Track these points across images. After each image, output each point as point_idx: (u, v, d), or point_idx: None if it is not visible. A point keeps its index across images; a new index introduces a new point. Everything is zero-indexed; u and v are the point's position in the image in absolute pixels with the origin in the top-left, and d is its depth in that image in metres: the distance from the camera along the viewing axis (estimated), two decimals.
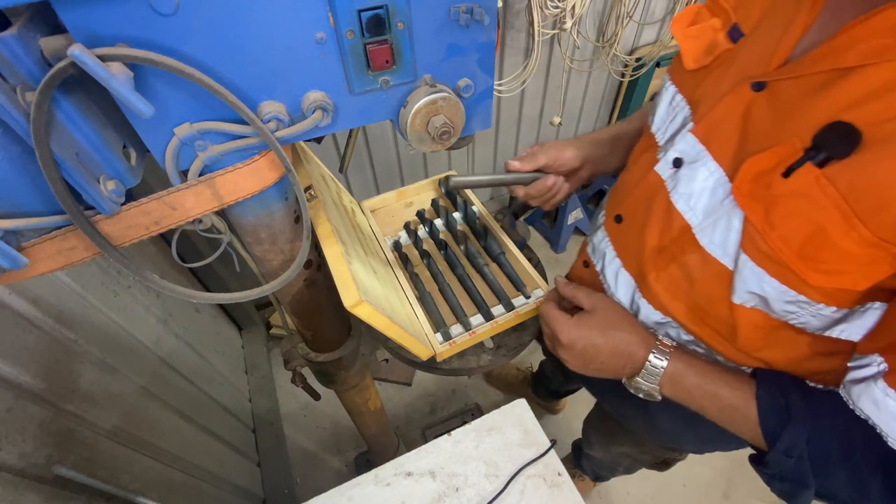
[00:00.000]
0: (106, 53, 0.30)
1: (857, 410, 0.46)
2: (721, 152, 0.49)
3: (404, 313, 0.72)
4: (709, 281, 0.53)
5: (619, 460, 1.19)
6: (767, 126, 0.45)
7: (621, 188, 0.67)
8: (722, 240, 0.49)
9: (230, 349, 1.81)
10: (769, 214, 0.43)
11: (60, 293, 0.92)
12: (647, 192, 0.58)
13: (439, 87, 0.44)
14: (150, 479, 1.00)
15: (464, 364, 0.79)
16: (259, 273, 0.63)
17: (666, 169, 0.56)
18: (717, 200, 0.49)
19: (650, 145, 0.62)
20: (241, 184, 0.44)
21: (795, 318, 0.49)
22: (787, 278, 0.45)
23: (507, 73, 1.83)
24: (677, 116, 0.58)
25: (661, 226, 0.56)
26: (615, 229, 0.66)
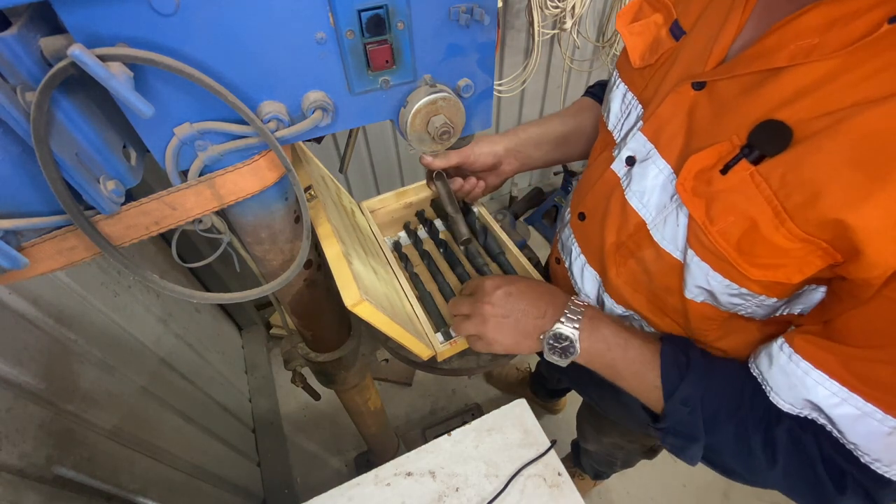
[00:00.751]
0: (106, 53, 0.30)
1: (753, 369, 0.50)
2: (668, 150, 0.51)
3: (405, 313, 0.73)
4: (664, 274, 0.55)
5: (614, 452, 1.20)
6: (708, 124, 0.47)
7: (583, 186, 0.68)
8: (672, 235, 0.51)
9: (230, 349, 1.81)
10: (709, 210, 0.45)
11: (60, 293, 0.92)
12: (604, 189, 0.60)
13: (439, 87, 0.44)
14: (150, 479, 1.00)
15: (464, 364, 0.79)
16: (259, 273, 0.63)
17: (620, 167, 0.57)
18: (667, 197, 0.51)
19: (608, 143, 0.63)
20: (241, 184, 0.44)
21: (742, 309, 0.50)
22: (729, 272, 0.46)
23: (507, 73, 1.83)
24: (631, 114, 0.59)
25: (618, 222, 0.58)
26: (579, 226, 0.67)
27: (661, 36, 0.55)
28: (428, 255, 0.89)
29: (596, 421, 1.12)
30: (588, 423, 1.19)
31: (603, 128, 0.65)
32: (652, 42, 0.56)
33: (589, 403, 1.08)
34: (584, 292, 0.68)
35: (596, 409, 1.00)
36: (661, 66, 0.55)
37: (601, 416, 1.04)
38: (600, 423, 1.09)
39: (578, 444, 1.48)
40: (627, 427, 0.94)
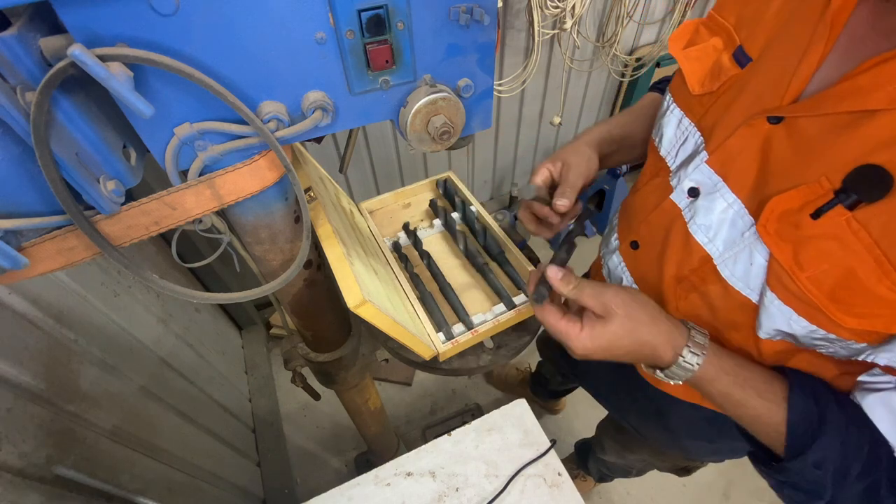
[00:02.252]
0: (106, 53, 0.30)
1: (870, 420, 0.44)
2: (739, 184, 0.49)
3: (406, 313, 0.73)
4: (731, 311, 0.52)
5: (634, 465, 1.19)
6: (789, 162, 0.44)
7: (634, 212, 0.65)
8: (744, 273, 0.49)
9: (230, 349, 1.81)
10: (798, 255, 0.42)
11: (60, 293, 0.92)
12: (663, 220, 0.57)
13: (439, 87, 0.44)
14: (150, 479, 1.00)
15: (464, 364, 0.79)
16: (259, 273, 0.63)
17: (682, 198, 0.55)
18: (738, 233, 0.49)
19: (660, 168, 0.61)
20: (241, 184, 0.44)
21: (824, 349, 0.47)
22: (818, 319, 0.44)
23: (507, 73, 1.83)
24: (688, 141, 0.56)
25: (680, 256, 0.55)
26: (631, 255, 0.65)
27: (722, 62, 0.52)
28: (427, 255, 0.89)
29: (623, 440, 1.09)
30: (613, 440, 1.15)
31: (654, 152, 0.62)
32: (712, 67, 0.53)
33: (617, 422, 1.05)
34: None
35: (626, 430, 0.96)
36: (724, 93, 0.52)
37: (631, 437, 1.01)
38: (628, 442, 1.06)
39: (583, 446, 1.47)
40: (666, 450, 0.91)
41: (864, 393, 0.45)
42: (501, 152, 2.27)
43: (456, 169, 2.21)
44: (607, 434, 1.20)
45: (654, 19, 2.03)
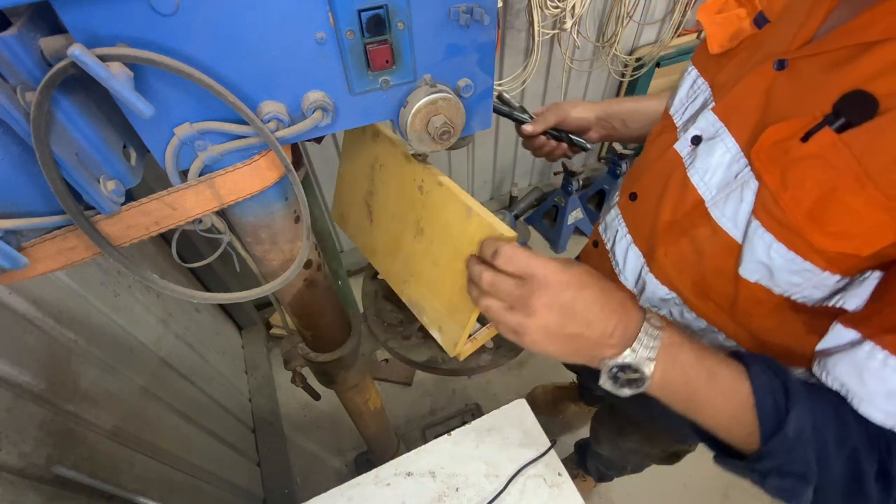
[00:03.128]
0: (106, 53, 0.30)
1: (831, 382, 0.45)
2: (739, 129, 0.51)
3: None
4: (717, 254, 0.54)
5: (628, 457, 1.19)
6: (788, 102, 0.47)
7: (637, 168, 0.69)
8: (733, 212, 0.51)
9: (230, 349, 1.81)
10: (785, 177, 0.44)
11: (60, 293, 0.92)
12: (664, 168, 0.60)
13: (439, 87, 0.44)
14: (150, 479, 1.00)
15: (464, 364, 0.79)
16: (259, 273, 0.63)
17: (685, 146, 0.58)
18: (732, 175, 0.51)
19: (667, 127, 0.64)
20: (242, 184, 0.44)
21: (798, 291, 0.49)
22: (795, 243, 0.45)
23: (507, 73, 1.83)
24: (697, 98, 0.60)
25: (675, 200, 0.58)
26: (629, 207, 0.68)
27: (743, 26, 0.56)
28: None
29: (616, 425, 1.10)
30: (605, 427, 1.17)
31: (664, 113, 0.66)
32: (734, 32, 0.57)
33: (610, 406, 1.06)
34: (625, 274, 0.68)
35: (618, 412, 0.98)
36: (741, 52, 0.55)
37: (623, 420, 1.02)
38: (621, 427, 1.07)
39: (583, 445, 1.46)
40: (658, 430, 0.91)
41: (825, 358, 0.46)
42: (501, 152, 2.27)
43: (456, 169, 2.21)
44: (601, 422, 1.20)
45: (654, 19, 2.03)
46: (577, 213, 2.25)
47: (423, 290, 0.65)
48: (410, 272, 0.66)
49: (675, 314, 0.65)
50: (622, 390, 0.48)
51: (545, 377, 1.88)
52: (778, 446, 0.44)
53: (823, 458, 0.43)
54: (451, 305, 0.60)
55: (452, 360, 0.78)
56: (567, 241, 2.33)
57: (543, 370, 1.93)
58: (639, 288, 0.66)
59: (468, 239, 0.53)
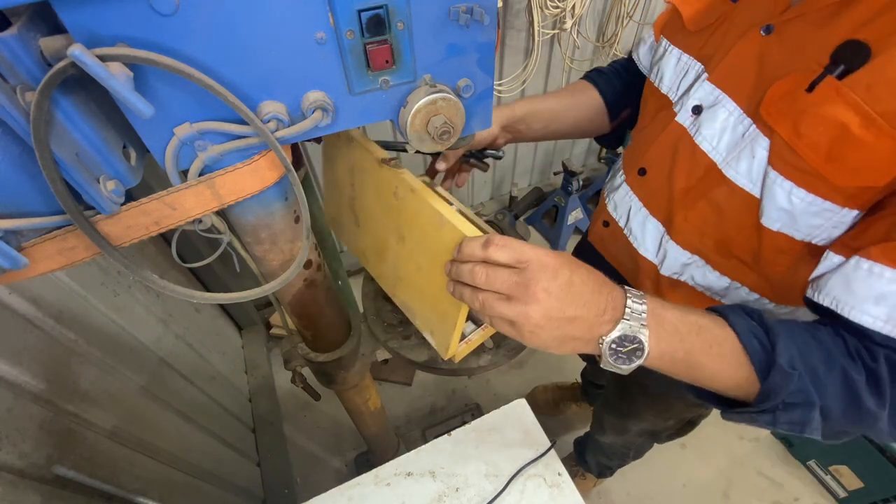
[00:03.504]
0: (106, 53, 0.30)
1: (823, 298, 0.49)
2: (738, 93, 0.55)
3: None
4: (737, 210, 0.58)
5: (634, 440, 1.19)
6: (781, 61, 0.51)
7: (640, 145, 0.71)
8: (747, 169, 0.55)
9: (230, 349, 1.81)
10: (797, 127, 0.48)
11: (60, 293, 0.92)
12: (670, 141, 0.64)
13: (439, 87, 0.44)
14: (150, 479, 1.00)
15: (464, 364, 0.79)
16: (259, 273, 0.63)
17: (686, 117, 0.61)
18: (738, 135, 0.55)
19: (663, 104, 0.67)
20: (241, 184, 0.44)
21: (819, 233, 0.52)
22: (815, 185, 0.49)
23: (507, 73, 1.83)
24: (688, 73, 0.63)
25: (687, 168, 0.62)
26: (639, 182, 0.70)
27: (713, 2, 0.60)
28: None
29: (628, 404, 1.07)
30: (615, 411, 1.14)
31: (655, 93, 0.69)
32: (705, 8, 0.61)
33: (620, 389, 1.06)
34: (645, 246, 0.71)
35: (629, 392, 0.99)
36: (720, 26, 0.59)
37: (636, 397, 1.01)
38: (632, 406, 1.05)
39: (582, 440, 1.47)
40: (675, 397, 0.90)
41: (817, 282, 0.50)
42: None
43: None
44: (609, 407, 1.18)
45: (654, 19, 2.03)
46: (577, 213, 2.25)
47: (412, 294, 0.65)
48: (399, 276, 0.67)
49: (696, 278, 0.68)
50: (625, 365, 0.48)
51: (545, 377, 1.89)
52: (777, 380, 0.45)
53: (817, 381, 0.45)
54: (439, 309, 0.60)
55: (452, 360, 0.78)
56: (567, 241, 2.33)
57: (544, 370, 1.93)
58: (660, 257, 0.69)
59: (444, 246, 0.53)
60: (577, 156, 2.61)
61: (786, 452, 1.69)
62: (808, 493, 1.60)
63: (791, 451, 1.68)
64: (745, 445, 1.72)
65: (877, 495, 1.45)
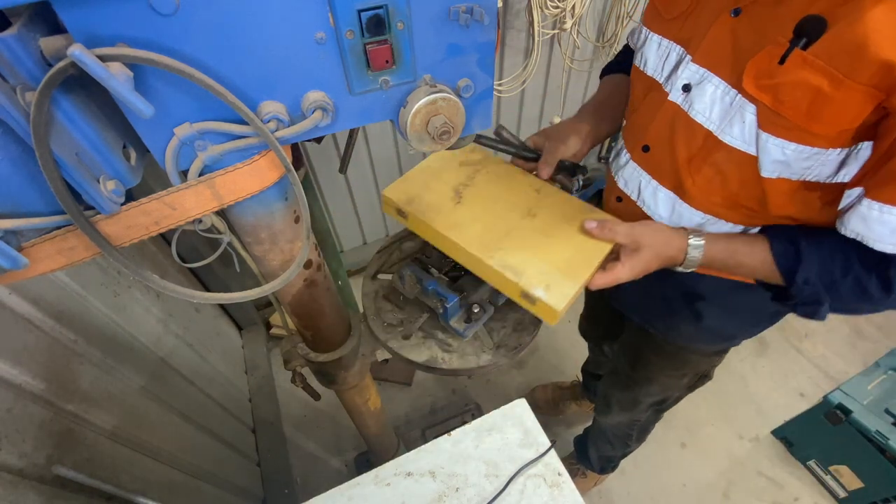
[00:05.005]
0: (106, 53, 0.31)
1: (849, 233, 0.59)
2: (720, 69, 0.63)
3: None
4: (738, 169, 0.66)
5: (641, 416, 1.21)
6: (753, 37, 0.59)
7: (637, 126, 0.79)
8: (740, 132, 0.62)
9: (230, 349, 1.81)
10: (777, 95, 0.56)
11: (60, 293, 0.92)
12: (666, 118, 0.71)
13: (439, 87, 0.44)
14: (150, 479, 1.00)
15: (464, 364, 0.79)
16: (259, 273, 0.63)
17: (678, 96, 0.69)
18: (727, 104, 0.63)
19: (651, 86, 0.75)
20: (241, 184, 0.44)
21: (811, 171, 0.61)
22: (802, 137, 0.57)
23: (507, 73, 1.83)
24: (670, 56, 0.71)
25: (686, 140, 0.69)
26: (644, 158, 0.78)
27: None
28: None
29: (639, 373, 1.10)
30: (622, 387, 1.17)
31: (641, 76, 0.77)
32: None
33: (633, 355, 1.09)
34: (658, 213, 0.78)
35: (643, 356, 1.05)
36: (693, 11, 0.67)
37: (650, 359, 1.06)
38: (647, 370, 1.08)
39: (583, 437, 1.47)
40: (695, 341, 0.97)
41: (842, 216, 0.61)
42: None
43: None
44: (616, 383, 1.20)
45: None
46: None
47: (527, 256, 0.72)
48: (510, 242, 0.74)
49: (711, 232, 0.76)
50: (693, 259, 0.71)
51: (545, 377, 1.89)
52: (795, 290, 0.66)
53: (831, 285, 0.63)
54: (567, 264, 0.71)
55: (452, 360, 0.78)
56: None
57: (544, 370, 1.93)
58: (674, 221, 0.77)
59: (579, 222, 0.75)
60: None
61: (786, 452, 1.69)
62: (808, 493, 1.60)
63: (791, 451, 1.68)
64: (745, 445, 1.72)
65: (877, 495, 1.45)
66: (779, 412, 1.77)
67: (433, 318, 0.88)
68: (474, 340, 0.85)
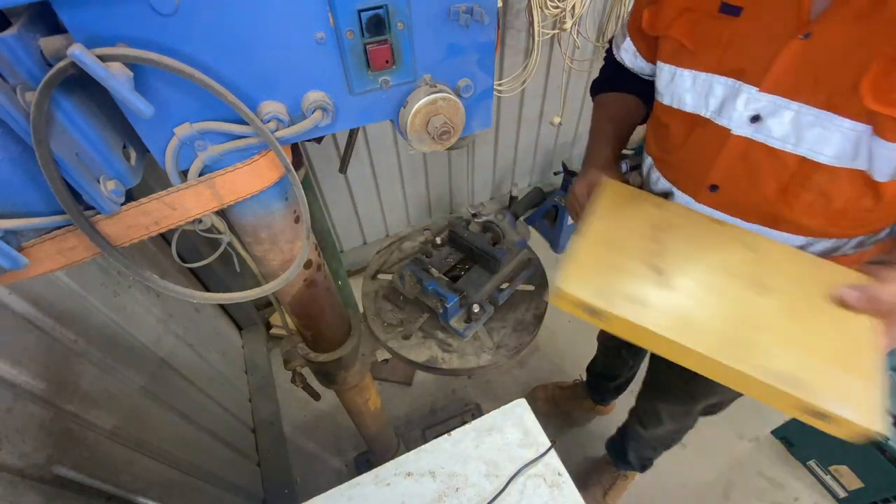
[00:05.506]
0: (106, 53, 0.31)
1: None
2: (800, 93, 0.59)
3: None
4: (841, 187, 0.61)
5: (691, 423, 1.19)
6: (841, 56, 0.56)
7: (689, 165, 0.74)
8: (840, 151, 0.59)
9: (230, 349, 1.81)
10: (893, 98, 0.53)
11: (60, 293, 0.92)
12: (736, 154, 0.66)
13: (439, 87, 0.44)
14: (150, 479, 1.00)
15: (464, 364, 0.79)
16: (259, 273, 0.63)
17: (746, 129, 0.64)
18: (817, 127, 0.59)
19: (695, 122, 0.70)
20: (241, 184, 0.44)
21: None
22: None
23: (507, 73, 1.83)
24: (713, 89, 0.67)
25: (774, 171, 0.64)
26: (715, 198, 0.72)
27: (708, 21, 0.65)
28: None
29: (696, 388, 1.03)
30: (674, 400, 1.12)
31: (677, 114, 0.72)
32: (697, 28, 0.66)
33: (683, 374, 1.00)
34: None
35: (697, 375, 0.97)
36: (734, 40, 0.63)
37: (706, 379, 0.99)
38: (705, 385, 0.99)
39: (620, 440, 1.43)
40: None
41: None
42: (501, 152, 2.27)
43: (456, 169, 2.21)
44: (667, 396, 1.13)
45: None
46: None
47: (791, 353, 0.54)
48: (759, 335, 0.56)
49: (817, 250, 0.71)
50: None
51: (545, 377, 1.88)
52: None
53: None
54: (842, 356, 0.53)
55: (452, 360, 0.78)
56: (567, 242, 2.33)
57: (543, 370, 1.93)
58: None
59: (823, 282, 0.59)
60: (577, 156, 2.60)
61: (786, 452, 1.69)
62: (808, 493, 1.60)
63: (791, 451, 1.68)
64: (745, 445, 1.72)
65: (877, 495, 1.44)
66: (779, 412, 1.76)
67: (433, 318, 0.88)
68: (474, 340, 0.85)
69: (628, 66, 0.87)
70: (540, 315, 0.88)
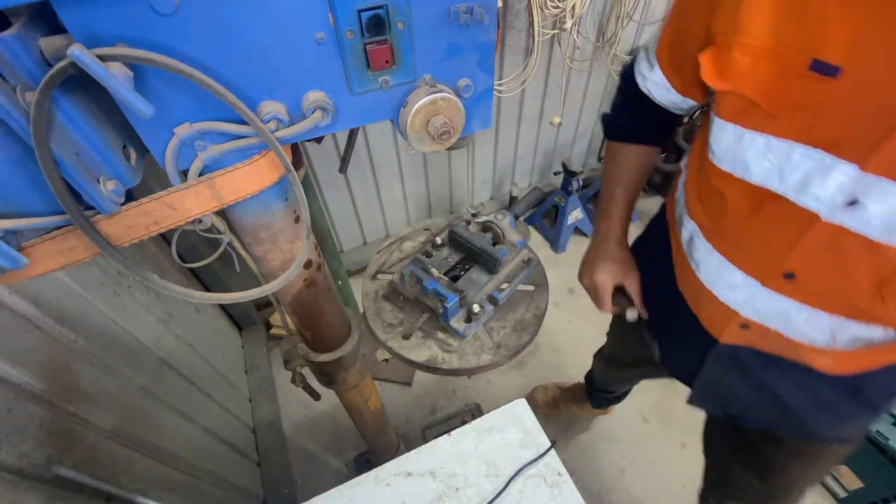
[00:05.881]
0: (106, 53, 0.31)
1: None
2: None
3: None
4: None
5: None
6: None
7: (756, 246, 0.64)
8: None
9: (230, 349, 1.81)
10: None
11: (60, 293, 0.92)
12: (822, 242, 0.57)
13: (439, 87, 0.44)
14: (150, 479, 1.00)
15: (464, 364, 0.79)
16: (259, 273, 0.63)
17: (838, 215, 0.55)
18: None
19: (763, 197, 0.60)
20: (241, 184, 0.44)
21: None
22: None
23: (507, 73, 1.83)
24: (795, 160, 0.56)
25: (872, 265, 0.56)
26: (790, 286, 0.63)
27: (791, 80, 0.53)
28: None
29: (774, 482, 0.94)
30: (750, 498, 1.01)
31: (740, 185, 0.62)
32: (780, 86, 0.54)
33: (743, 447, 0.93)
34: (811, 338, 0.65)
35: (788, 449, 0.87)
36: (828, 105, 0.52)
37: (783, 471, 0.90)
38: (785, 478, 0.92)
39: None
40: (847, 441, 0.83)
41: None
42: (501, 152, 2.27)
43: (456, 169, 2.21)
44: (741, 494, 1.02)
45: (654, 19, 2.03)
46: (577, 213, 2.25)
47: None
48: None
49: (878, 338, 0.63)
50: None
51: (545, 377, 1.88)
52: None
53: None
54: None
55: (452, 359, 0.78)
56: (567, 242, 2.33)
57: (543, 370, 1.93)
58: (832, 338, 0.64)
59: None
60: (577, 156, 2.61)
61: None
62: (808, 493, 1.60)
63: None
64: None
65: (877, 495, 1.44)
66: None
67: (433, 318, 0.88)
68: (474, 340, 0.85)
69: (657, 100, 0.77)
70: (540, 315, 0.88)
